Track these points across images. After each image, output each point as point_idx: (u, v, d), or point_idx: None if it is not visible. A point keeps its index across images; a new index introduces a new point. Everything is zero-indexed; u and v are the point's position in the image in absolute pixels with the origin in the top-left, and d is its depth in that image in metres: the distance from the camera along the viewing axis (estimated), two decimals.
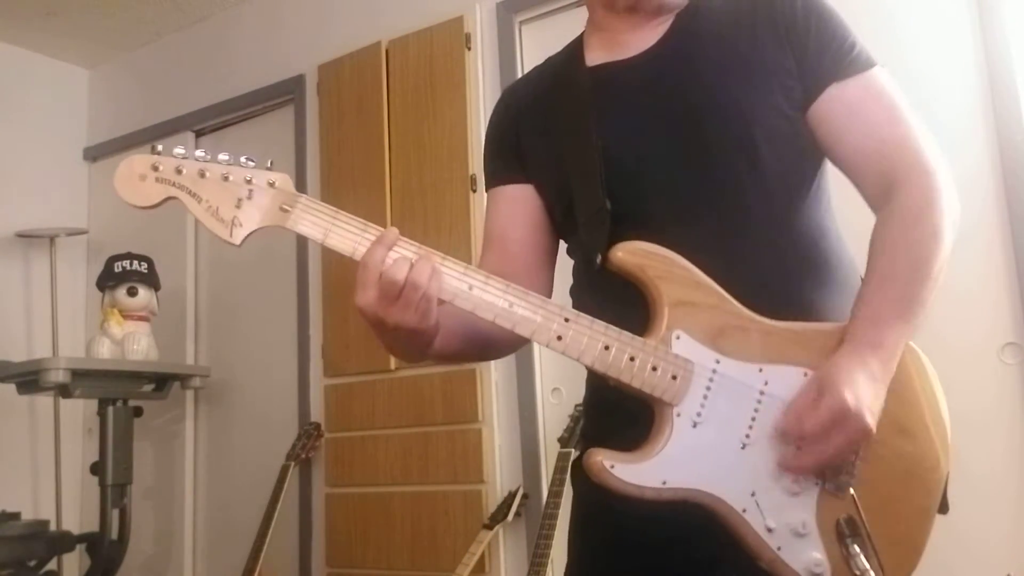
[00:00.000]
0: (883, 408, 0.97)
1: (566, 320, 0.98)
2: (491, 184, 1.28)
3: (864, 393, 0.93)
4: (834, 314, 1.04)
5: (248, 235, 0.99)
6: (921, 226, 1.02)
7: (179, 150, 1.01)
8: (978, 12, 2.15)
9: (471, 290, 0.98)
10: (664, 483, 0.96)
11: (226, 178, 0.99)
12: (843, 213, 1.17)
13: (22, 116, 3.90)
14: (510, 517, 2.52)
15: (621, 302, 1.02)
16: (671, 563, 1.06)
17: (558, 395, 2.66)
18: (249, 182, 1.00)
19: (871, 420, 0.93)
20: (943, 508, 1.03)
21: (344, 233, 0.99)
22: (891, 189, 1.04)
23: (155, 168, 0.99)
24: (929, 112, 1.10)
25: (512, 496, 2.54)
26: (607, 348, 0.98)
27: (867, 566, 0.94)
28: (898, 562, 0.98)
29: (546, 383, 2.71)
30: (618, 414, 1.03)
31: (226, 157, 1.01)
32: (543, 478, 2.62)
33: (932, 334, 1.89)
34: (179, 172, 0.99)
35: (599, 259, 1.06)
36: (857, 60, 1.09)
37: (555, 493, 2.34)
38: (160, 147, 1.01)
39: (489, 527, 2.51)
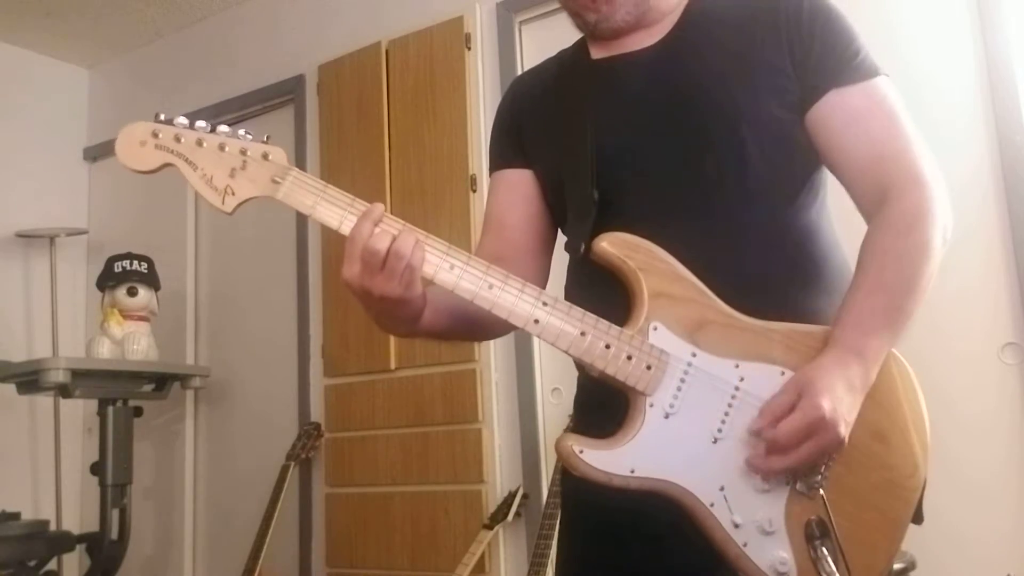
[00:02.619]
0: (861, 413, 0.97)
1: (544, 304, 1.00)
2: (493, 168, 1.31)
3: (841, 403, 0.93)
4: (818, 317, 1.04)
5: (239, 204, 1.02)
6: (912, 237, 1.01)
7: (181, 120, 1.03)
8: (978, 12, 2.15)
9: (452, 269, 1.00)
10: (632, 471, 0.96)
11: (222, 148, 1.02)
12: (843, 217, 1.17)
13: (22, 116, 3.90)
14: (510, 517, 2.52)
15: (607, 295, 1.02)
16: (660, 562, 1.05)
17: (558, 395, 2.66)
18: (244, 153, 1.02)
19: (845, 431, 0.93)
20: (917, 518, 1.02)
21: (332, 207, 1.01)
22: (885, 198, 1.04)
23: (155, 135, 1.02)
24: (929, 112, 1.10)
25: (512, 496, 2.54)
26: (583, 334, 0.99)
27: (834, 569, 0.93)
28: (866, 568, 0.97)
29: (546, 383, 2.71)
30: (604, 410, 1.03)
31: (225, 129, 1.03)
32: (543, 478, 2.62)
33: (932, 334, 1.90)
34: (178, 140, 1.02)
35: (583, 248, 1.07)
36: (861, 67, 1.09)
37: (555, 493, 2.34)
38: (162, 115, 1.03)
39: (489, 527, 2.51)
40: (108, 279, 3.24)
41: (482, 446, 2.69)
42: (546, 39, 2.72)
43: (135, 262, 3.26)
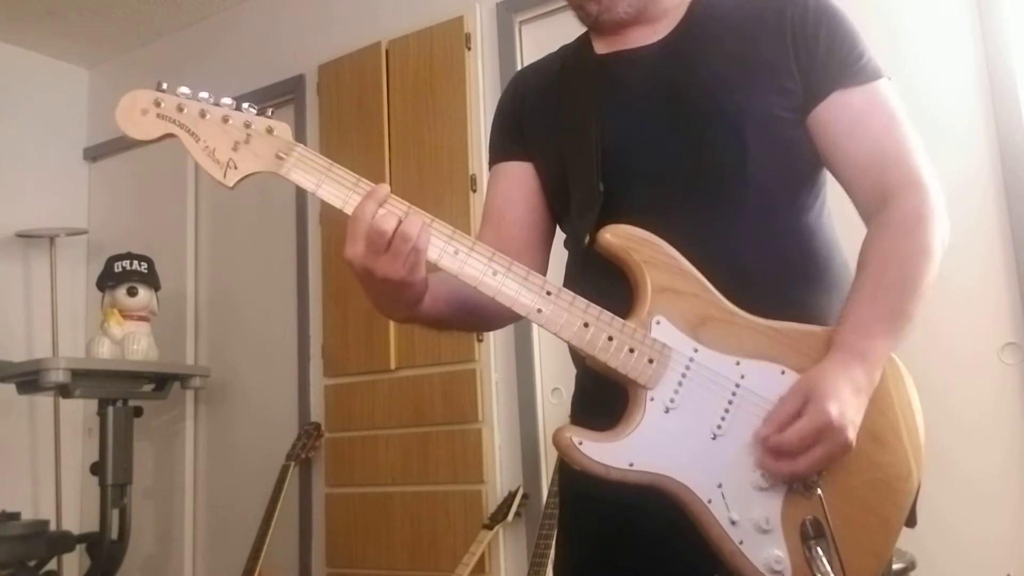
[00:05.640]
0: None
1: (548, 293, 0.99)
2: (493, 161, 1.30)
3: (848, 406, 0.93)
4: (820, 315, 1.04)
5: (241, 179, 1.00)
6: (914, 240, 1.02)
7: (184, 89, 1.01)
8: (978, 12, 2.15)
9: (456, 254, 0.98)
10: (631, 465, 0.95)
11: (226, 120, 1.00)
12: (843, 218, 1.18)
13: (22, 116, 3.90)
14: (510, 517, 2.52)
15: (606, 290, 1.02)
16: (660, 562, 1.05)
17: (558, 395, 2.66)
18: (248, 127, 1.00)
19: (853, 434, 0.93)
20: (911, 521, 1.02)
21: (336, 186, 0.99)
22: (884, 201, 1.05)
23: (157, 104, 1.00)
24: (929, 113, 1.11)
25: (512, 496, 2.54)
26: (586, 326, 0.98)
27: (828, 569, 0.93)
28: (859, 569, 0.97)
29: (546, 383, 2.71)
30: (602, 404, 1.03)
31: (229, 101, 1.01)
32: (543, 478, 2.62)
33: (932, 334, 1.90)
34: (180, 110, 1.00)
35: (587, 240, 1.06)
36: (864, 69, 1.09)
37: (555, 493, 2.34)
38: (164, 84, 1.01)
39: (489, 527, 2.51)
40: (108, 279, 3.24)
41: (482, 446, 2.69)
42: (546, 39, 2.72)
43: (135, 262, 3.26)
